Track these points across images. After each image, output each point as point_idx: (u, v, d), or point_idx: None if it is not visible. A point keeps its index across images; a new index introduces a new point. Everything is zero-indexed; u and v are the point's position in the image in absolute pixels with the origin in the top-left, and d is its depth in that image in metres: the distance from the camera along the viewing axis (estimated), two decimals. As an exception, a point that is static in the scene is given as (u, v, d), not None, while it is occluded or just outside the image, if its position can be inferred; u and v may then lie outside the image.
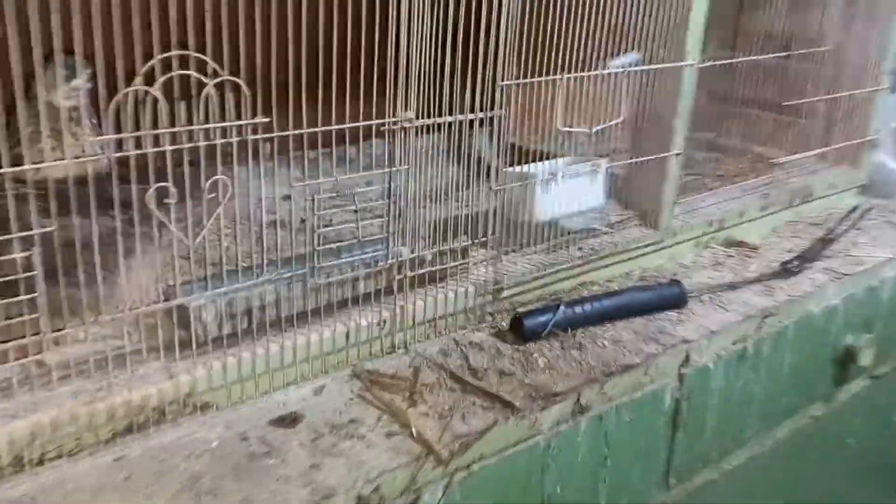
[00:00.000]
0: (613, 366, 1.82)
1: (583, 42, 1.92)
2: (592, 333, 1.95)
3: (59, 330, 1.37)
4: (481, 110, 1.78)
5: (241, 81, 1.40)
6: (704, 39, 2.21)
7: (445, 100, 1.71)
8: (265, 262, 1.58)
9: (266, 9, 1.39)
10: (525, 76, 1.84)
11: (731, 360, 2.04)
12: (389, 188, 1.69)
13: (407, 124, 1.67)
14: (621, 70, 2.02)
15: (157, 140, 1.35)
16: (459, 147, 1.80)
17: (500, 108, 1.81)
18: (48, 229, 1.27)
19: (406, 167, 1.71)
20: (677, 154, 2.26)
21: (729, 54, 2.72)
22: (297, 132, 1.53)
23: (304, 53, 1.46)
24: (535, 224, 2.07)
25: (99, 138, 1.28)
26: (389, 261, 1.75)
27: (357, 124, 1.60)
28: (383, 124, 1.63)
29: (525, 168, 2.02)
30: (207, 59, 1.35)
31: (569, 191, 2.10)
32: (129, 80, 1.29)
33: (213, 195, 1.45)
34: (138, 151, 1.33)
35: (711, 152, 3.16)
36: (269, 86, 1.45)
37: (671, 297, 2.07)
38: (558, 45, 1.88)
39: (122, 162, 1.35)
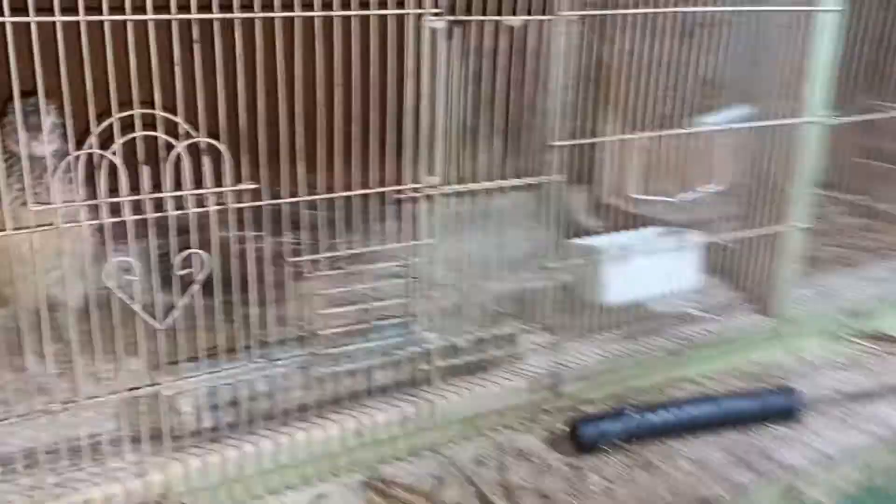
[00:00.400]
0: (690, 497, 1.45)
1: (669, 95, 1.60)
2: (669, 449, 1.58)
3: None
4: (530, 175, 1.50)
5: (217, 143, 1.21)
6: (849, 88, 1.81)
7: (482, 163, 1.45)
8: (254, 344, 1.37)
9: (251, 58, 1.21)
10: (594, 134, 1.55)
11: (858, 496, 1.59)
12: (410, 264, 1.44)
13: (431, 191, 1.41)
14: (719, 127, 1.67)
15: (116, 208, 1.19)
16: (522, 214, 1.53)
17: (555, 171, 1.51)
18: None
19: (431, 240, 1.45)
20: (801, 227, 1.85)
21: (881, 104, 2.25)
22: (291, 200, 1.32)
23: (300, 109, 1.26)
24: (608, 306, 1.73)
25: (42, 206, 1.13)
26: (412, 348, 1.49)
27: (366, 191, 1.37)
28: (401, 191, 1.39)
29: (590, 241, 1.70)
30: (178, 118, 1.18)
31: (652, 267, 1.75)
32: (81, 140, 1.13)
33: (187, 270, 1.27)
34: (92, 222, 1.17)
35: (862, 218, 2.65)
36: (257, 147, 1.26)
37: (778, 408, 1.65)
38: (637, 98, 1.57)
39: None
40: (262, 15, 1.19)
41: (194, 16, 1.14)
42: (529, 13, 1.39)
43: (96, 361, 1.24)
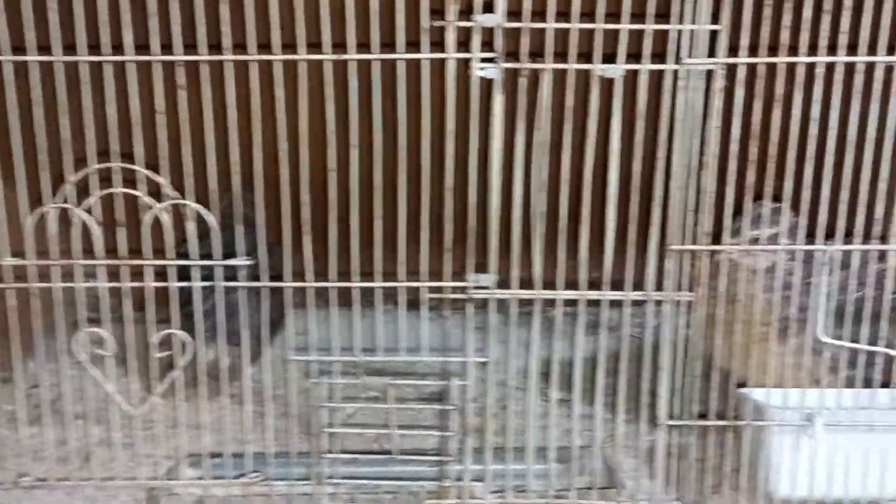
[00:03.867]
0: None
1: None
2: None
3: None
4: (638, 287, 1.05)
5: (202, 209, 1.02)
6: None
7: (562, 265, 1.05)
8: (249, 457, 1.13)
9: (245, 115, 1.01)
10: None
11: None
12: (448, 386, 1.08)
13: (481, 293, 1.05)
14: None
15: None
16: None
17: (675, 286, 1.04)
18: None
19: (485, 358, 1.08)
20: None
21: None
22: (297, 284, 1.07)
23: (308, 174, 1.02)
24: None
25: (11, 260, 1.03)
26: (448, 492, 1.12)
27: (394, 284, 1.06)
28: (439, 289, 1.06)
29: (757, 394, 1.15)
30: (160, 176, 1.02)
31: (869, 448, 1.13)
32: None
33: (166, 352, 1.08)
34: (45, 285, 1.05)
35: None
36: (253, 217, 1.04)
37: None
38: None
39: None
40: (258, 58, 0.98)
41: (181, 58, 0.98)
42: (638, 59, 0.98)
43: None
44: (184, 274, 1.06)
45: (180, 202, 1.02)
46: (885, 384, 1.17)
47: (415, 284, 1.06)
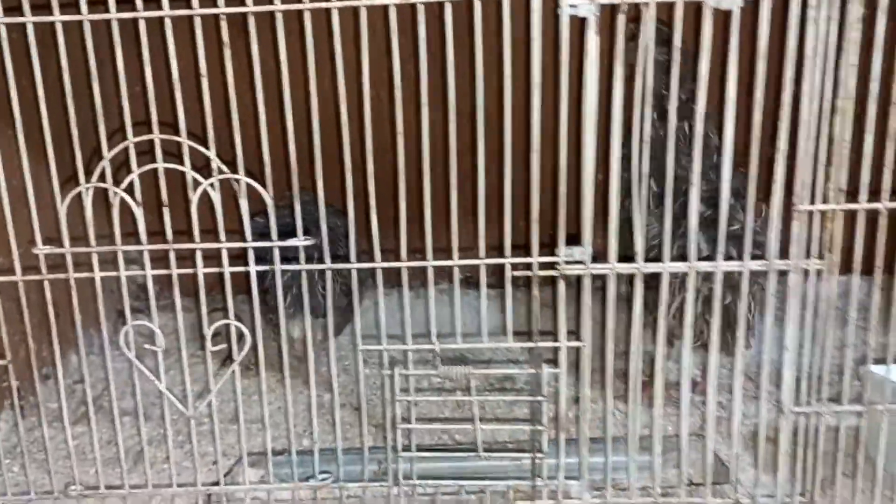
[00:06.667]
0: None
1: None
2: None
3: None
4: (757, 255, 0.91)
5: (256, 185, 0.90)
6: None
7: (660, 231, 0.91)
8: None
9: (301, 74, 0.88)
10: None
11: None
12: (538, 374, 0.95)
13: (574, 269, 0.92)
14: None
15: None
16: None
17: (801, 252, 0.89)
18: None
19: (580, 343, 0.95)
20: None
21: None
22: (364, 266, 0.94)
23: (372, 134, 0.89)
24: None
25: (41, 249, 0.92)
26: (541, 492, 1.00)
27: (474, 261, 0.93)
28: (527, 266, 0.92)
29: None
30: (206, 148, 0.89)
31: None
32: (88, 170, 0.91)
33: (220, 346, 0.97)
34: (85, 275, 0.93)
35: None
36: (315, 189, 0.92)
37: None
38: None
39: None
40: (311, 6, 0.85)
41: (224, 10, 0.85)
42: (756, -13, 0.82)
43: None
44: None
45: (232, 177, 0.90)
46: None
47: (498, 261, 0.93)
